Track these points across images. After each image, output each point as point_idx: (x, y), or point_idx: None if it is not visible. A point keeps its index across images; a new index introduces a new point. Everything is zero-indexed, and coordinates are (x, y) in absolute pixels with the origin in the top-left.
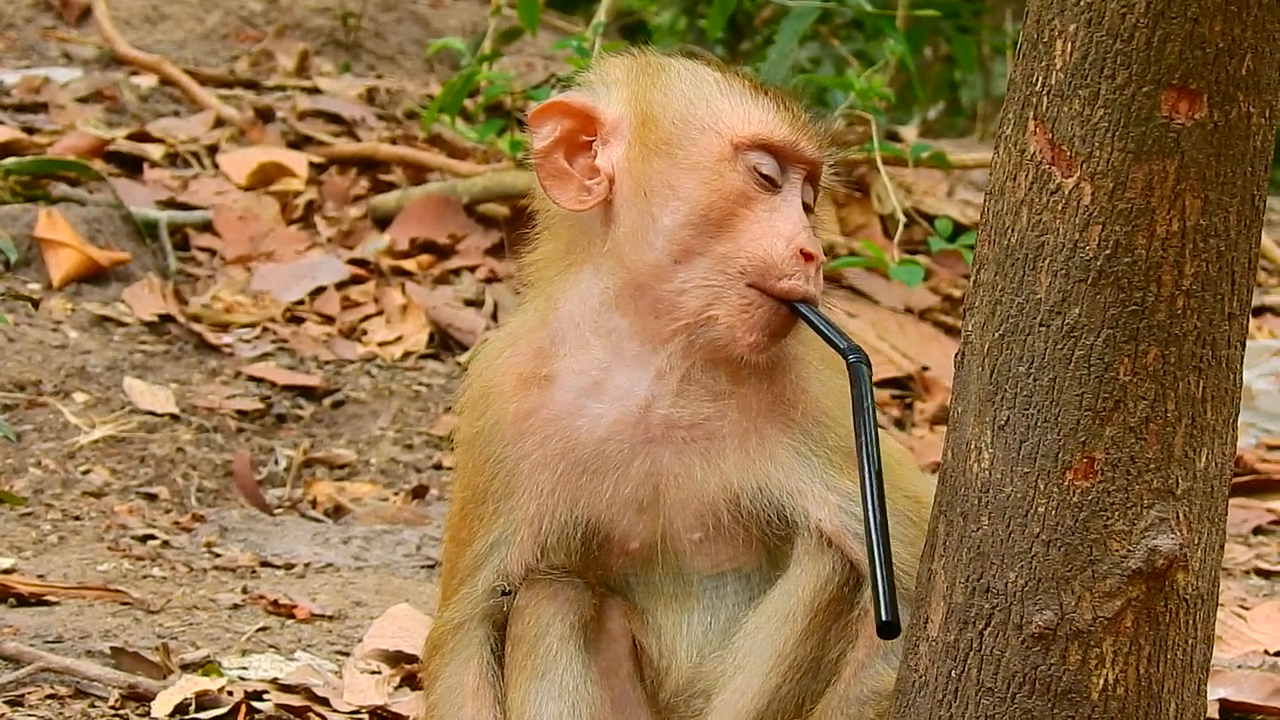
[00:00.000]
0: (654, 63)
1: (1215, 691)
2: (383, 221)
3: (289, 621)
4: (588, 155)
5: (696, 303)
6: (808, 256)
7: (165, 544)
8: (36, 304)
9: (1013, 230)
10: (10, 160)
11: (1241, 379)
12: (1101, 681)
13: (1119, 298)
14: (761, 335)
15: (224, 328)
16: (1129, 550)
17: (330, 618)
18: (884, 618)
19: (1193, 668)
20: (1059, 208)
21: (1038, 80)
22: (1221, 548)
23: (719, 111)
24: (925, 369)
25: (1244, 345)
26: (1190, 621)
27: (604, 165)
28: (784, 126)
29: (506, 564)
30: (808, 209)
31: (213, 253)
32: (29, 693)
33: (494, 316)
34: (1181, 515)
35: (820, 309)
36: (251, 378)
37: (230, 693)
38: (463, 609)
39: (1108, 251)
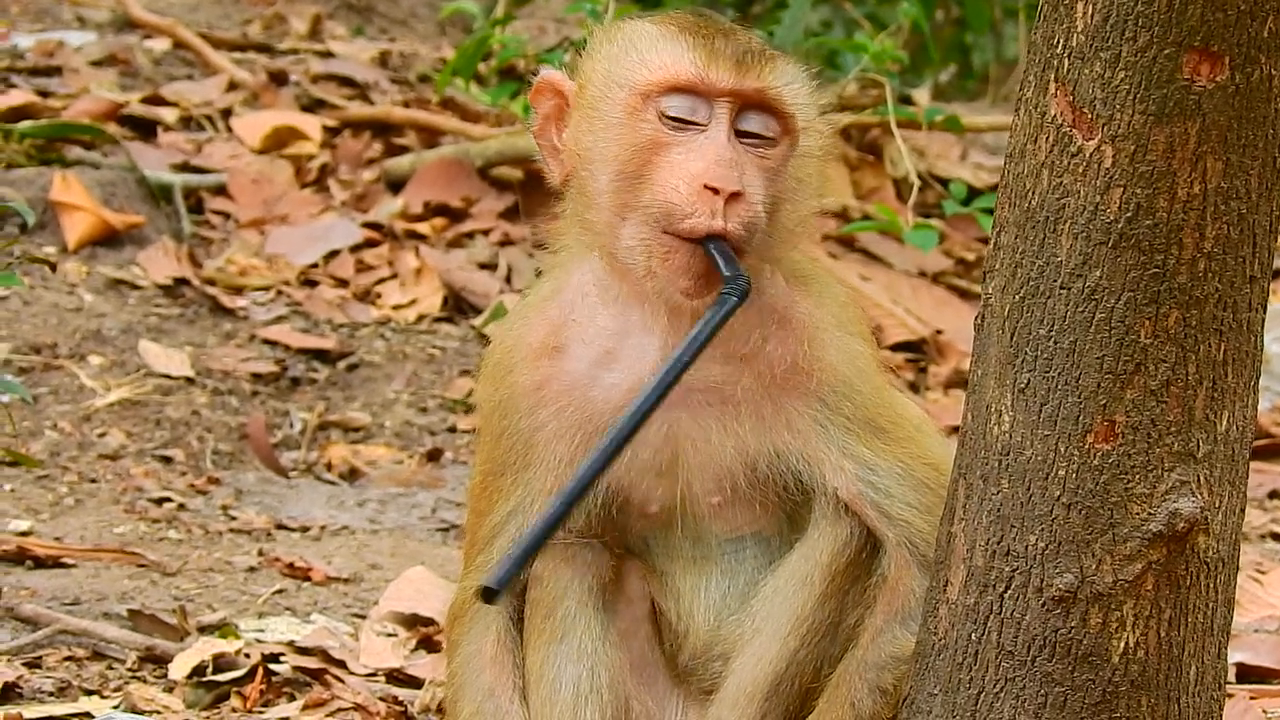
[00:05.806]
0: (609, 29)
1: (1231, 655)
2: (396, 185)
3: (305, 584)
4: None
5: (641, 258)
6: (715, 190)
7: (181, 507)
8: (52, 267)
9: (1033, 193)
10: (25, 124)
11: (1262, 342)
12: (1122, 645)
13: (1140, 260)
14: (687, 280)
15: (238, 291)
16: (1150, 513)
17: (346, 580)
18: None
19: (1213, 631)
20: (1080, 170)
21: (1058, 42)
22: (1242, 511)
23: (629, 65)
24: (939, 333)
25: (1265, 308)
26: (1211, 585)
27: (563, 139)
28: (689, 65)
29: (523, 532)
30: (758, 138)
31: (227, 216)
32: (47, 654)
33: (508, 280)
34: (1202, 478)
35: (733, 242)
36: (266, 341)
37: (247, 655)
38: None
39: (1129, 214)
